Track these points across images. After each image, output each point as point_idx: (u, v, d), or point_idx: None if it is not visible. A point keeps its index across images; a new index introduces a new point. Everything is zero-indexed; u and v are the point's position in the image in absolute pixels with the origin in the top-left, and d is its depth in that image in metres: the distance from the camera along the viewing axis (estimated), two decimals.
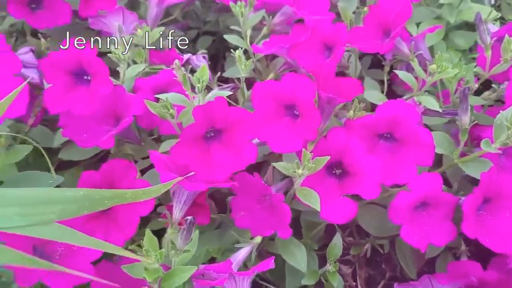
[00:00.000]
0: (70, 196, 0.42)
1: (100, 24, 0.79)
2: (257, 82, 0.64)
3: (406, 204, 0.64)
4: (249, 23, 0.82)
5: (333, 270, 0.72)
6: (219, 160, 0.59)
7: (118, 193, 0.44)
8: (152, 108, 0.66)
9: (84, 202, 0.43)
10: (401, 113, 0.64)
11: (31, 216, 0.41)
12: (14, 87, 0.56)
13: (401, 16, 0.66)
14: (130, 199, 0.45)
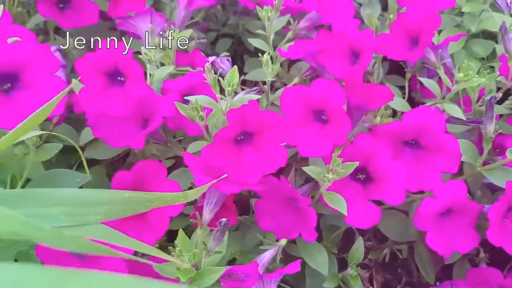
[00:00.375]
0: (116, 198, 0.43)
1: (127, 25, 0.80)
2: (286, 87, 0.65)
3: (431, 210, 0.65)
4: (274, 28, 0.83)
5: (355, 274, 0.73)
6: (250, 162, 0.60)
7: (160, 196, 0.45)
8: (182, 110, 0.66)
9: (129, 204, 0.43)
10: (429, 121, 0.65)
11: (78, 216, 0.42)
12: (53, 86, 0.58)
13: (430, 25, 0.67)
14: (171, 202, 0.46)
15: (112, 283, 0.22)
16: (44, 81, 0.56)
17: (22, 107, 0.56)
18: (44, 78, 0.56)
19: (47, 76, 0.56)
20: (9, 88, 0.57)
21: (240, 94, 0.75)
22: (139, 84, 0.61)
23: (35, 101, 0.56)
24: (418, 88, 0.97)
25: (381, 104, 0.63)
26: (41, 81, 0.56)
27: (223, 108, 0.67)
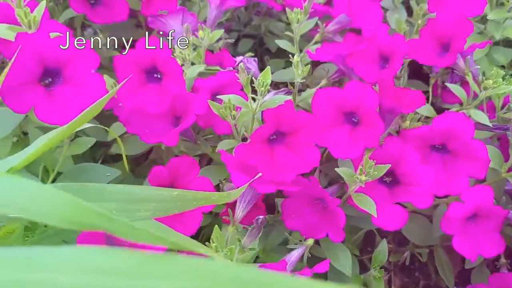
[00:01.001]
0: (165, 196, 0.44)
1: (158, 23, 0.81)
2: (319, 89, 0.65)
3: (459, 215, 0.65)
4: (301, 30, 0.84)
5: (379, 276, 0.74)
6: (284, 162, 0.61)
7: (206, 195, 0.46)
8: (215, 108, 0.67)
9: (177, 202, 0.44)
10: (458, 126, 0.66)
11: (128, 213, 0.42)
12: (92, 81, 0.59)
13: (462, 32, 0.68)
14: (216, 201, 0.47)
15: (195, 266, 0.23)
16: (85, 76, 0.57)
17: (62, 102, 0.56)
18: (85, 73, 0.57)
19: (88, 72, 0.57)
20: (49, 83, 0.58)
21: (269, 94, 0.76)
22: (177, 82, 0.62)
23: (76, 96, 0.57)
24: (439, 94, 0.98)
25: (414, 108, 0.64)
26: (82, 76, 0.57)
27: (254, 108, 0.68)
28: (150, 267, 0.23)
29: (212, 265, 0.23)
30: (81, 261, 0.23)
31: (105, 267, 0.23)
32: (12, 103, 0.53)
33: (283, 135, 0.64)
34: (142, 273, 0.22)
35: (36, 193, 0.31)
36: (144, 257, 0.24)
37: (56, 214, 0.30)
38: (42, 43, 0.54)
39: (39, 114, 0.54)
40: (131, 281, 0.22)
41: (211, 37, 0.76)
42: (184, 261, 0.24)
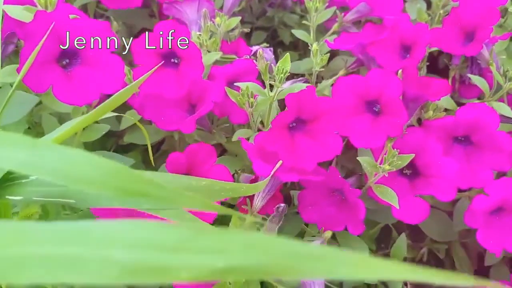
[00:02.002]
0: (194, 185, 0.42)
1: (173, 11, 0.80)
2: (340, 77, 0.64)
3: (483, 208, 0.64)
4: (319, 19, 0.82)
5: None
6: (306, 149, 0.59)
7: (235, 186, 0.45)
8: (232, 96, 0.66)
9: (205, 192, 0.43)
10: (484, 117, 0.64)
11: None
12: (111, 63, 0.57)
13: (488, 20, 0.66)
14: (244, 192, 0.45)
15: (248, 240, 0.21)
16: (103, 58, 0.56)
17: (80, 82, 0.55)
18: (103, 55, 0.56)
19: (106, 53, 0.56)
20: (67, 64, 0.56)
21: (287, 83, 0.74)
22: (196, 66, 0.60)
23: (94, 77, 0.55)
24: (456, 88, 0.96)
25: (439, 96, 0.62)
26: (100, 58, 0.55)
27: (272, 95, 0.67)
28: (204, 240, 0.22)
29: (265, 239, 0.22)
30: (135, 236, 0.22)
31: (159, 241, 0.22)
32: (31, 82, 0.51)
33: (304, 123, 0.62)
34: (196, 247, 0.21)
35: (81, 161, 0.29)
36: (197, 230, 0.23)
37: (104, 181, 0.28)
38: (61, 21, 0.53)
39: (58, 94, 0.53)
40: (187, 256, 0.20)
41: (228, 24, 0.75)
42: (236, 235, 0.23)
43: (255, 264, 0.20)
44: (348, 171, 0.80)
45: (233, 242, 0.21)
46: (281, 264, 0.20)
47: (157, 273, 0.20)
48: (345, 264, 0.20)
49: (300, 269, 0.20)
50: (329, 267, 0.20)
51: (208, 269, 0.20)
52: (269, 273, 0.20)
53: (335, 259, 0.21)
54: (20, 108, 0.57)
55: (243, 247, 0.21)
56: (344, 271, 0.20)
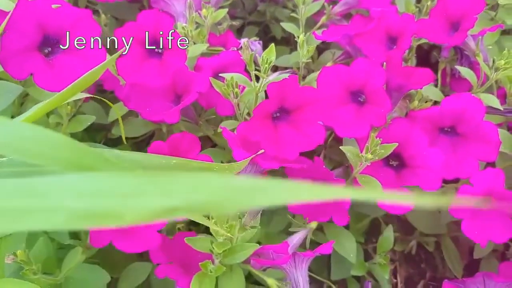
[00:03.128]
0: (164, 164, 0.42)
1: (161, 3, 0.80)
2: (324, 67, 0.64)
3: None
4: (308, 12, 0.82)
5: (384, 262, 0.72)
6: (288, 139, 0.59)
7: (207, 165, 0.44)
8: (217, 86, 0.66)
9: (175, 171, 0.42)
10: (469, 107, 0.64)
11: None
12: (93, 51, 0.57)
13: (473, 8, 0.66)
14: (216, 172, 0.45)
15: (193, 182, 0.21)
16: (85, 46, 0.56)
17: (62, 69, 0.55)
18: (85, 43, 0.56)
19: (88, 41, 0.56)
20: (49, 52, 0.56)
21: (273, 75, 0.74)
22: (179, 55, 0.60)
23: (75, 65, 0.55)
24: (447, 82, 0.96)
25: (422, 84, 0.61)
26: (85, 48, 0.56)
27: (258, 86, 0.67)
28: (150, 186, 0.22)
29: (207, 178, 0.22)
30: (84, 186, 0.22)
31: (107, 190, 0.23)
32: (12, 69, 0.52)
33: (288, 113, 0.62)
34: (141, 192, 0.21)
35: (33, 134, 0.29)
36: (145, 178, 0.23)
37: (53, 155, 0.29)
38: (42, 9, 0.53)
39: (38, 81, 0.53)
40: (131, 200, 0.21)
41: (215, 16, 0.75)
42: (181, 178, 0.23)
43: (197, 201, 0.21)
44: (336, 163, 0.80)
45: (177, 185, 0.22)
46: (220, 198, 0.21)
47: (102, 217, 0.20)
48: (279, 191, 0.21)
49: (238, 201, 0.21)
50: (268, 196, 0.21)
51: (151, 211, 0.21)
52: (211, 208, 0.21)
53: (276, 189, 0.21)
54: (3, 98, 0.57)
55: (186, 188, 0.22)
56: (277, 198, 0.21)
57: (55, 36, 0.56)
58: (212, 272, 0.55)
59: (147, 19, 0.60)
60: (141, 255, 0.72)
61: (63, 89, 0.52)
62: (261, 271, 0.64)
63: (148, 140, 0.95)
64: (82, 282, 0.63)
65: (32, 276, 0.57)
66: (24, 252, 0.56)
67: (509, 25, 1.00)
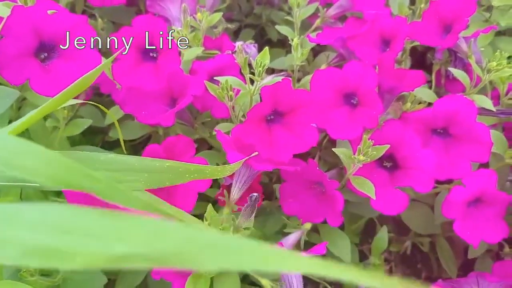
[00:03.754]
0: (157, 166, 0.43)
1: (157, 8, 0.81)
2: (317, 70, 0.64)
3: (460, 199, 0.64)
4: (302, 15, 0.83)
5: (378, 263, 0.72)
6: (282, 141, 0.60)
7: (199, 168, 0.45)
8: (212, 89, 0.66)
9: (168, 174, 0.43)
10: (461, 108, 0.64)
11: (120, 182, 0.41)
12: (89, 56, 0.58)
13: (464, 11, 0.67)
14: (209, 175, 0.46)
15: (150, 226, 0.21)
16: (81, 51, 0.57)
17: (58, 75, 0.56)
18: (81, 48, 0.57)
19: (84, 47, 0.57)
20: (45, 58, 0.57)
21: (268, 77, 0.75)
22: (173, 59, 0.61)
23: (71, 70, 0.56)
24: (442, 83, 0.97)
25: (413, 86, 0.62)
26: (78, 51, 0.56)
27: (252, 89, 0.67)
28: (108, 226, 0.22)
29: (167, 226, 0.21)
30: (44, 218, 0.22)
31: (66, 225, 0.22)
32: (8, 74, 0.52)
33: (281, 115, 0.63)
34: (98, 233, 0.21)
35: (20, 149, 0.30)
36: (104, 215, 0.22)
37: (41, 171, 0.29)
38: (38, 15, 0.54)
39: (34, 86, 0.54)
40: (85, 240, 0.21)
41: (210, 20, 0.75)
42: (141, 222, 0.22)
43: (154, 253, 0.20)
44: (331, 165, 0.81)
45: (137, 230, 0.21)
46: (181, 251, 0.20)
47: (53, 257, 0.19)
48: (248, 254, 0.20)
49: (198, 260, 0.20)
50: (232, 258, 0.20)
51: (106, 256, 0.20)
52: (169, 261, 0.20)
53: (239, 250, 0.20)
54: (1, 102, 0.58)
55: (147, 234, 0.21)
56: (246, 262, 0.20)
57: (51, 41, 0.57)
58: (206, 273, 0.55)
59: (141, 24, 0.61)
60: None
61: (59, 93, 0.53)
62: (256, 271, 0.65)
63: (145, 142, 0.96)
64: (79, 284, 0.63)
65: (29, 278, 0.57)
66: None
67: (504, 26, 1.01)
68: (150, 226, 0.22)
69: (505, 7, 0.91)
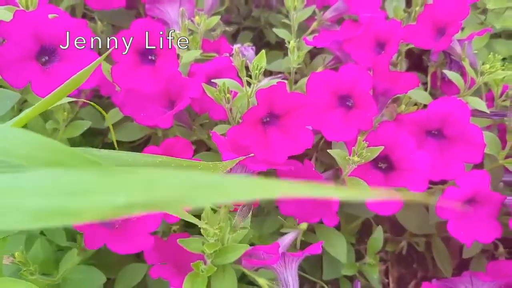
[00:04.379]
0: (149, 162, 0.44)
1: (156, 11, 0.82)
2: (313, 72, 0.65)
3: (454, 199, 0.65)
4: (299, 18, 0.84)
5: (373, 262, 0.73)
6: (277, 143, 0.61)
7: (191, 164, 0.46)
8: (209, 92, 0.68)
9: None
10: (455, 110, 0.65)
11: None
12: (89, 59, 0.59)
13: (458, 14, 0.68)
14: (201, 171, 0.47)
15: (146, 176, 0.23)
16: (81, 55, 0.58)
17: (58, 77, 0.57)
18: (81, 52, 0.58)
19: (84, 50, 0.58)
20: (46, 61, 0.59)
21: (264, 80, 0.76)
22: (171, 61, 0.62)
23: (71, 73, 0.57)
24: (438, 85, 0.98)
25: (407, 89, 0.63)
26: (78, 55, 0.58)
27: (249, 92, 0.68)
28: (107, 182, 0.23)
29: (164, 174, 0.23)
30: (43, 184, 0.23)
31: (65, 187, 0.23)
32: (10, 77, 0.54)
33: (277, 117, 0.64)
34: (99, 189, 0.22)
35: (24, 139, 0.31)
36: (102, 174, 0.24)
37: (46, 158, 0.30)
38: (39, 19, 0.55)
39: (35, 88, 0.55)
40: (90, 197, 0.22)
41: (208, 23, 0.77)
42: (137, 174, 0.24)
43: (154, 198, 0.22)
44: (327, 166, 0.82)
45: (134, 181, 0.23)
46: (178, 194, 0.21)
47: (62, 216, 0.21)
48: (236, 187, 0.21)
49: (195, 197, 0.21)
50: (222, 192, 0.21)
51: (110, 207, 0.21)
52: (168, 205, 0.22)
53: (226, 185, 0.22)
54: (2, 104, 0.59)
55: (144, 184, 0.22)
56: (235, 194, 0.21)
57: (52, 45, 0.58)
58: (203, 272, 0.56)
59: (140, 27, 0.62)
60: (138, 256, 0.74)
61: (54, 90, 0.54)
62: (254, 271, 0.66)
63: (145, 144, 0.97)
64: (79, 283, 0.64)
65: (29, 277, 0.59)
66: (22, 253, 0.58)
67: (500, 28, 1.02)
68: (145, 176, 0.24)
69: (500, 10, 0.92)
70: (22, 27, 0.55)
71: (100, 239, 0.55)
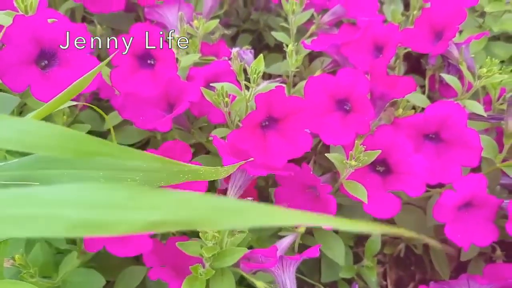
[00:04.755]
0: (151, 166, 0.44)
1: (155, 15, 0.82)
2: (311, 76, 0.66)
3: (451, 203, 0.65)
4: (298, 21, 0.84)
5: (371, 265, 0.74)
6: (276, 147, 0.61)
7: (193, 168, 0.46)
8: (208, 95, 0.68)
9: (163, 173, 0.44)
10: (452, 114, 0.66)
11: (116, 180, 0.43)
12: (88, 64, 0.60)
13: (455, 18, 0.68)
14: (203, 176, 0.47)
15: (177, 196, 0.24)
16: (80, 58, 0.58)
17: (58, 82, 0.58)
18: (80, 56, 0.58)
19: (83, 55, 0.58)
20: (46, 65, 0.59)
21: (263, 83, 0.77)
22: (170, 66, 0.63)
23: (71, 77, 0.58)
24: (436, 88, 0.98)
25: (404, 93, 0.64)
26: (77, 58, 0.58)
27: (248, 95, 0.69)
28: (142, 199, 0.25)
29: (193, 196, 0.24)
30: (82, 196, 0.25)
31: (102, 201, 0.25)
32: (9, 81, 0.54)
33: (276, 121, 0.64)
34: (134, 205, 0.24)
35: (29, 127, 0.32)
36: (137, 191, 0.26)
37: (62, 146, 0.32)
38: (39, 24, 0.55)
39: (35, 92, 0.56)
40: (125, 212, 0.24)
41: (206, 26, 0.77)
42: (169, 194, 0.26)
43: (184, 218, 0.23)
44: (326, 169, 0.82)
45: (166, 200, 0.24)
46: (204, 216, 0.23)
47: (98, 227, 0.22)
48: (257, 214, 0.23)
49: (220, 220, 0.23)
50: (244, 218, 0.23)
51: (143, 223, 0.23)
52: (196, 225, 0.23)
53: (254, 211, 0.24)
54: (1, 108, 0.60)
55: (175, 203, 0.24)
56: (256, 220, 0.23)
57: (51, 49, 0.58)
58: (202, 275, 0.57)
59: (139, 31, 0.63)
60: (137, 259, 0.75)
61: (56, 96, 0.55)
62: (252, 274, 0.66)
63: (144, 147, 0.97)
64: (79, 286, 0.65)
65: (30, 279, 0.59)
66: (22, 256, 0.58)
67: (498, 32, 1.02)
68: (177, 196, 0.26)
69: (498, 13, 0.93)
70: (21, 31, 0.55)
71: (100, 242, 0.55)
